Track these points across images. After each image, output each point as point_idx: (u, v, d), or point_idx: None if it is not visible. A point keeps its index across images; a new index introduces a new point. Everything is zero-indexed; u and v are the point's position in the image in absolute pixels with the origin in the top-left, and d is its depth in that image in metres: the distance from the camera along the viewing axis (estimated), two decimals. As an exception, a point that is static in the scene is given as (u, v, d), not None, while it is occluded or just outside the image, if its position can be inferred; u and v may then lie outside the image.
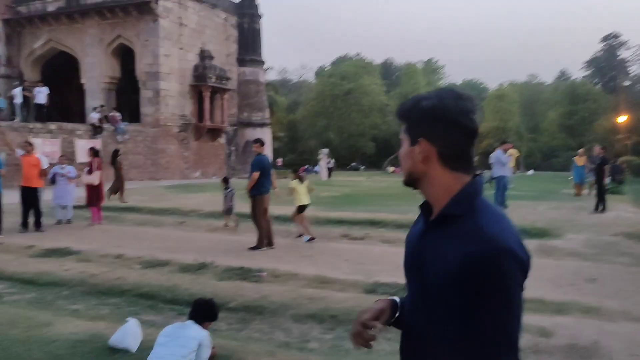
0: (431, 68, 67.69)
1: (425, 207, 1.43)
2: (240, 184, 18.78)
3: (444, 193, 1.35)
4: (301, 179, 10.29)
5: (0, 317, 4.89)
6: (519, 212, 12.32)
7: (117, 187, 15.81)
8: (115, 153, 16.57)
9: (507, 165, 13.61)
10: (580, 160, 16.96)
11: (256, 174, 8.71)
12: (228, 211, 11.71)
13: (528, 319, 5.05)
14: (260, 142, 9.03)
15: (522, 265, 1.25)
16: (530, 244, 8.95)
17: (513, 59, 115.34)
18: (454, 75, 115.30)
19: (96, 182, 11.67)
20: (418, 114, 1.38)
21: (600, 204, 12.79)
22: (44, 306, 5.86)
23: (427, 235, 1.37)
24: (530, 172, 38.63)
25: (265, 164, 8.88)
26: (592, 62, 59.29)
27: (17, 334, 4.44)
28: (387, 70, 66.96)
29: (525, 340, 4.60)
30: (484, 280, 1.22)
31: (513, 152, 21.75)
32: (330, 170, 33.82)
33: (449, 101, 1.35)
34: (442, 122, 1.34)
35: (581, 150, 18.57)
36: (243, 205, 10.36)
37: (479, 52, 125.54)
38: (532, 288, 5.93)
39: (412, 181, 1.42)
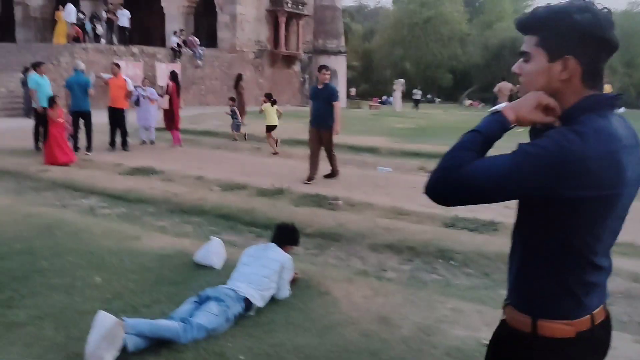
0: (519, -6, 63.04)
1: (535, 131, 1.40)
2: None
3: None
4: (273, 103, 12.06)
5: (94, 229, 5.20)
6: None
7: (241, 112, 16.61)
8: (239, 77, 17.30)
9: None
10: None
11: (339, 104, 8.32)
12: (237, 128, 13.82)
13: (619, 262, 4.79)
14: (327, 68, 8.44)
15: (571, 170, 1.19)
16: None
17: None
18: (544, 2, 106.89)
19: (165, 106, 11.91)
20: (568, 28, 1.26)
21: None
22: (132, 221, 6.19)
23: None
24: (622, 109, 36.01)
25: None
26: None
27: (110, 245, 4.71)
28: (471, -3, 63.04)
29: (616, 284, 4.38)
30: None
31: (607, 88, 20.19)
32: (417, 102, 32.91)
33: (601, 16, 1.25)
34: (596, 39, 1.26)
35: None
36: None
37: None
38: (623, 231, 5.57)
39: None
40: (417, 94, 33.97)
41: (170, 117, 12.00)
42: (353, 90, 42.12)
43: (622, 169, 1.23)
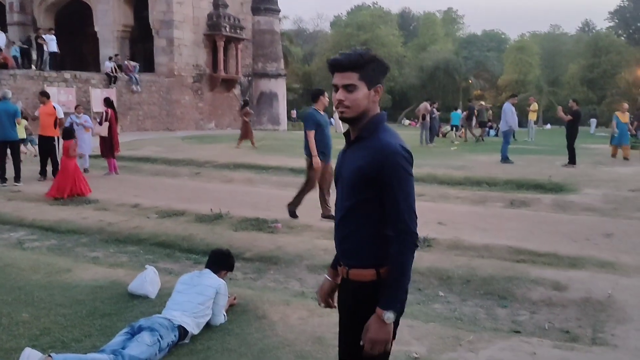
0: (450, 18, 65.83)
1: (347, 134, 2.01)
2: (254, 135, 18.71)
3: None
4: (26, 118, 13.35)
5: (22, 263, 5.01)
6: (536, 167, 12.21)
7: (244, 135, 16.95)
8: (245, 103, 18.09)
9: (512, 119, 13.40)
10: (623, 117, 14.37)
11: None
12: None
13: (541, 272, 5.08)
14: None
15: (406, 158, 1.89)
16: (545, 198, 8.93)
17: (536, 9, 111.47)
18: (473, 25, 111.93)
19: (104, 134, 11.58)
20: (379, 67, 1.93)
21: (571, 158, 12.65)
22: (64, 253, 5.99)
23: (347, 152, 2.01)
24: (548, 126, 38.05)
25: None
26: (618, 12, 57.21)
27: (39, 279, 4.55)
28: (405, 20, 65.31)
29: (538, 293, 4.63)
30: (384, 168, 1.84)
31: (534, 107, 21.33)
32: None
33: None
34: (386, 72, 1.98)
35: (624, 104, 15.57)
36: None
37: (500, 1, 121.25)
38: (547, 242, 5.91)
39: (358, 117, 1.93)
40: None
41: (109, 145, 11.69)
42: (294, 113, 42.47)
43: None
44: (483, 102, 24.81)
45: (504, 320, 4.26)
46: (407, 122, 47.22)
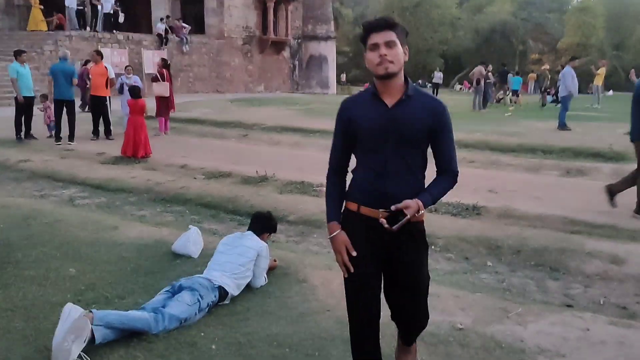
0: (508, -23, 62.66)
1: (376, 95, 2.15)
2: (303, 99, 18.53)
3: (403, 82, 2.16)
4: None
5: (71, 219, 5.13)
6: (595, 135, 11.57)
7: None
8: None
9: (572, 84, 12.57)
10: None
11: None
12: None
13: (598, 245, 4.81)
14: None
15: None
16: (605, 167, 8.46)
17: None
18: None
19: (166, 94, 11.79)
20: (403, 29, 2.15)
21: None
22: (112, 211, 6.13)
23: (396, 109, 2.11)
24: (610, 92, 36.02)
25: None
26: (695, -30, 52.84)
27: (87, 236, 4.65)
28: (461, -20, 62.58)
29: (593, 266, 4.40)
30: (444, 118, 2.18)
31: (602, 70, 20.16)
32: (436, 87, 30.07)
33: None
34: (407, 36, 2.19)
35: None
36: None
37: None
38: (605, 214, 5.57)
39: (398, 73, 2.10)
40: (438, 77, 30.76)
41: (165, 104, 11.90)
42: (343, 76, 41.92)
43: None
44: (547, 67, 24.20)
45: (555, 293, 4.06)
46: (458, 87, 45.84)
